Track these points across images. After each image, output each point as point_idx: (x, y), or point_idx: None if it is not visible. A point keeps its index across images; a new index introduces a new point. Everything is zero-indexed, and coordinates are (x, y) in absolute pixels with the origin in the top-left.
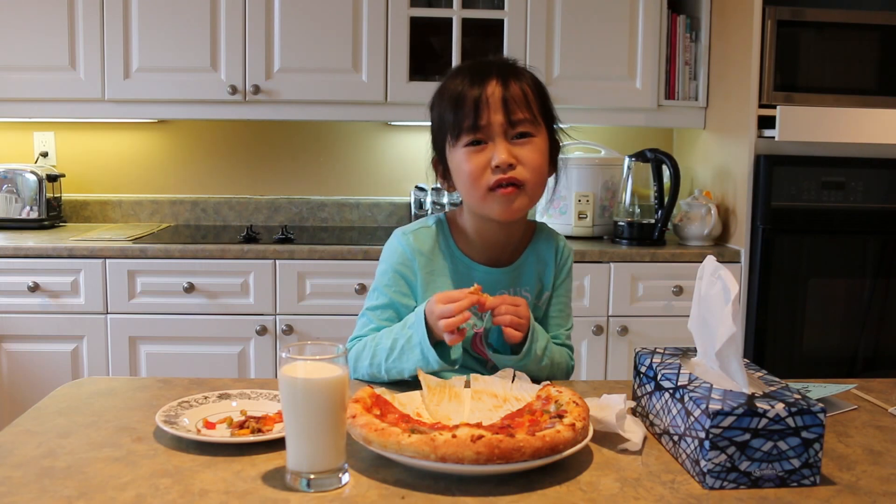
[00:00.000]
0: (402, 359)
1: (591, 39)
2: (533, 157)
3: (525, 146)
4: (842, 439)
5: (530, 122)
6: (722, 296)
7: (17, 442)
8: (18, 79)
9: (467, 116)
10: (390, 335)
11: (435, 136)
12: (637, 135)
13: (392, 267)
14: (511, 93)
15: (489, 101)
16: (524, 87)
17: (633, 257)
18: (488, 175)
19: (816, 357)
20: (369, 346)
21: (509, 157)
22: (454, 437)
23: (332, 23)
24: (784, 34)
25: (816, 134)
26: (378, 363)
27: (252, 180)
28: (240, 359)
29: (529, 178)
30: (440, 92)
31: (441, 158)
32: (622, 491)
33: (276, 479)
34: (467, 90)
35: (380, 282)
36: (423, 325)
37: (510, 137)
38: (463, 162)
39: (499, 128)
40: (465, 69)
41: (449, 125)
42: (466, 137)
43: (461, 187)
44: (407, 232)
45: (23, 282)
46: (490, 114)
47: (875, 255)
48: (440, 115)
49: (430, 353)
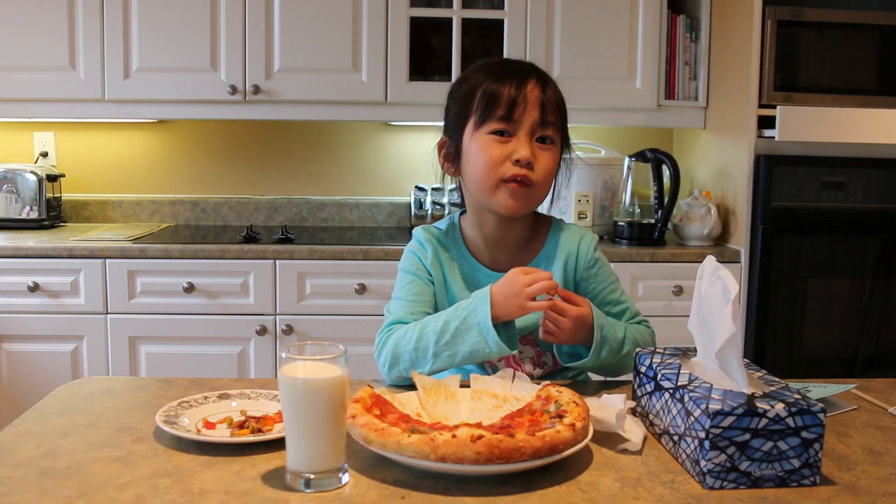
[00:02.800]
0: (455, 341)
1: (591, 39)
2: (549, 164)
3: (545, 151)
4: (842, 439)
5: (556, 128)
6: (722, 296)
7: (17, 442)
8: (18, 79)
9: (502, 106)
10: (439, 319)
11: (453, 118)
12: (637, 135)
13: (410, 250)
14: (548, 96)
15: (527, 97)
16: (558, 95)
17: (633, 257)
18: (507, 166)
19: (816, 357)
20: (412, 330)
21: (531, 154)
22: (454, 437)
23: (332, 23)
24: (784, 34)
25: (816, 134)
26: (425, 347)
27: (252, 180)
28: (240, 359)
29: (541, 181)
30: (469, 78)
31: (454, 142)
32: (622, 491)
33: (276, 479)
34: (506, 81)
35: (401, 266)
36: (488, 304)
37: (534, 138)
38: (485, 148)
39: (529, 125)
40: (501, 63)
41: (478, 110)
42: (494, 125)
43: (472, 173)
44: (422, 228)
45: (23, 282)
46: (526, 109)
47: (875, 255)
48: (466, 101)
49: (489, 333)
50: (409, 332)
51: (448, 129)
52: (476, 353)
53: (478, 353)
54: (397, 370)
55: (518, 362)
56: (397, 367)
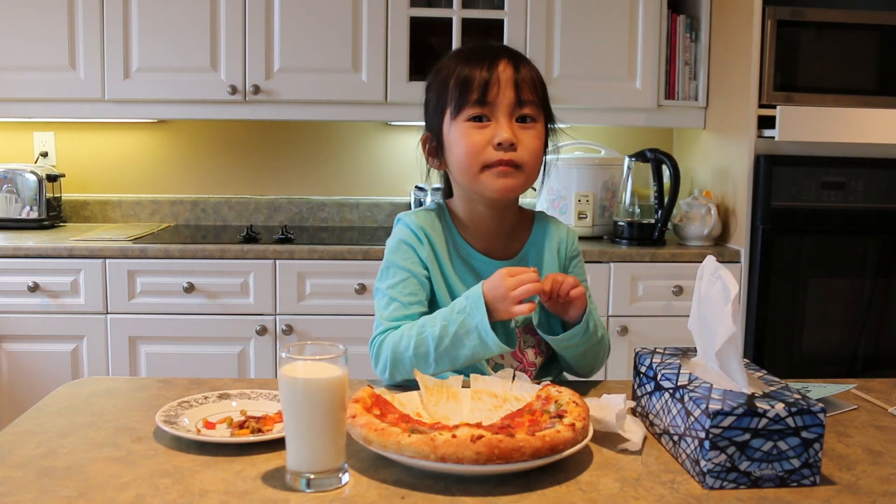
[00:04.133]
0: (455, 345)
1: (591, 39)
2: (533, 141)
3: (527, 130)
4: (842, 439)
5: (535, 105)
6: (722, 296)
7: (17, 442)
8: (18, 79)
9: (476, 90)
10: (436, 323)
11: (432, 111)
12: (637, 135)
13: (401, 240)
14: (521, 75)
15: (500, 78)
16: (533, 72)
17: (632, 257)
18: (489, 152)
19: (816, 357)
20: (407, 335)
21: (512, 136)
22: (454, 437)
23: (332, 23)
24: (784, 34)
25: (816, 134)
26: (425, 352)
27: (252, 180)
28: (240, 359)
29: (528, 162)
30: (443, 72)
31: (435, 135)
32: (622, 491)
33: (276, 479)
34: (477, 65)
35: (391, 259)
36: (483, 307)
37: (514, 118)
38: (463, 136)
39: (506, 107)
40: (471, 49)
41: (453, 98)
42: (471, 111)
43: (456, 163)
44: (409, 213)
45: (23, 282)
46: (500, 91)
47: (875, 255)
48: (441, 91)
49: (489, 335)
50: (405, 337)
51: (429, 123)
52: (477, 355)
53: (479, 355)
54: (399, 375)
55: (522, 352)
56: (398, 372)
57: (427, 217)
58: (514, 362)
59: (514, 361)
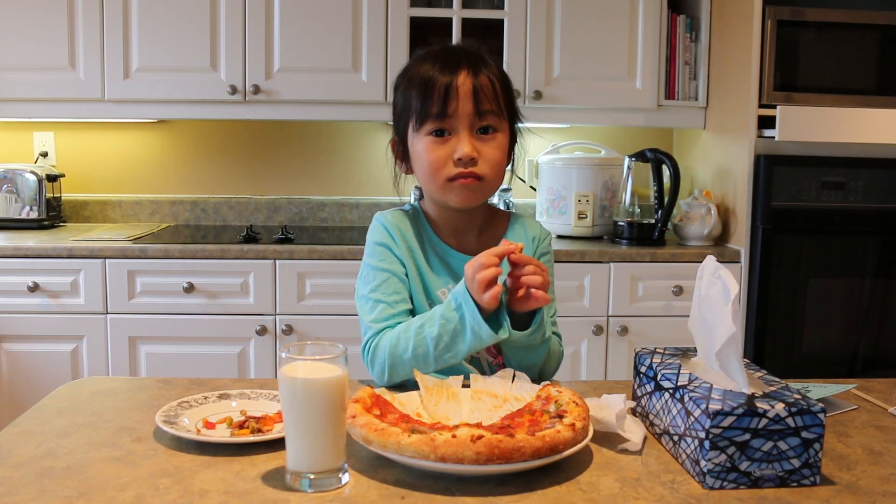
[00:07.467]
0: (454, 342)
1: (591, 39)
2: (494, 153)
3: (488, 142)
4: (842, 439)
5: (496, 114)
6: (722, 296)
7: (17, 442)
8: (18, 79)
9: (435, 104)
10: (433, 323)
11: (398, 119)
12: (637, 135)
13: (378, 242)
14: (480, 83)
15: (459, 90)
16: (492, 78)
17: (632, 257)
18: (450, 166)
19: (816, 357)
20: (404, 337)
21: (472, 150)
22: (454, 437)
23: (332, 23)
24: (784, 34)
25: (816, 134)
26: (424, 353)
27: (252, 180)
28: (240, 359)
29: (489, 174)
30: (407, 76)
31: (401, 141)
32: (622, 491)
33: (276, 479)
34: (437, 77)
35: (369, 263)
36: (472, 302)
37: (475, 130)
38: (425, 151)
39: (465, 119)
40: (433, 55)
41: (415, 111)
42: (431, 125)
43: (421, 175)
44: (384, 213)
45: (23, 282)
46: (459, 103)
47: (875, 255)
48: (405, 99)
49: (482, 328)
50: (401, 339)
51: (396, 127)
52: (474, 348)
53: (476, 348)
54: (398, 377)
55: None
56: (397, 374)
57: (401, 216)
58: (488, 357)
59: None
